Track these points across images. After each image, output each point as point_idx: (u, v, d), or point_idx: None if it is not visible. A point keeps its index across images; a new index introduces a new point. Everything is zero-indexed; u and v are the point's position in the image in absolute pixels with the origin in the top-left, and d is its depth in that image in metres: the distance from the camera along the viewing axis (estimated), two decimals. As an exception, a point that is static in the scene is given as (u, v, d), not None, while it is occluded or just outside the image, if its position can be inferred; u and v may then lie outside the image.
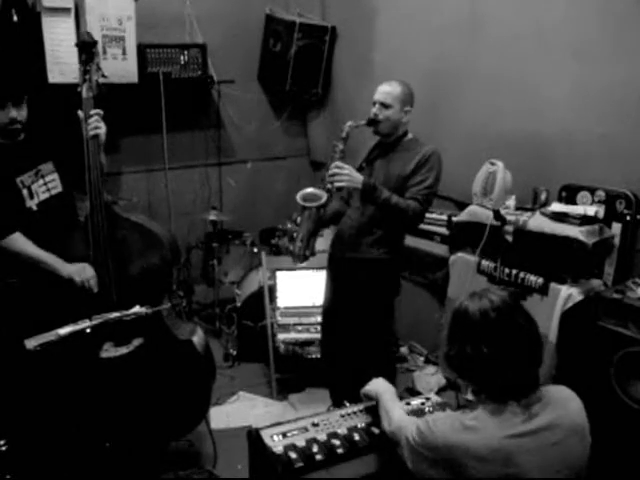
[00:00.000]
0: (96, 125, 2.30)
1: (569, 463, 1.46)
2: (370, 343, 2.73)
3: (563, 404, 1.51)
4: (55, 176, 2.47)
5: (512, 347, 1.43)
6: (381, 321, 2.78)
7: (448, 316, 1.58)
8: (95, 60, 2.33)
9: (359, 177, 2.52)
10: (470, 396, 1.59)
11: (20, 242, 2.30)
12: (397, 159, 2.64)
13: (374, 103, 2.64)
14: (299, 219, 2.65)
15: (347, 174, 2.50)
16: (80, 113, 2.30)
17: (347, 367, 2.80)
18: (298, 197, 2.60)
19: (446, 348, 1.55)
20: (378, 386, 1.96)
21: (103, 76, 2.37)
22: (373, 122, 2.63)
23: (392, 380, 2.82)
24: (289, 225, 2.53)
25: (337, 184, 2.52)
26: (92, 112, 2.29)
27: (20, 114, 2.31)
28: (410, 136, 2.71)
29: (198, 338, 2.56)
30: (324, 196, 2.57)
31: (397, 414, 1.78)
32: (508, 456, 1.39)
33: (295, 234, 2.65)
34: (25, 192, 2.37)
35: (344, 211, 2.83)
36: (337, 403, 2.71)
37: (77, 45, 2.34)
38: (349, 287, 2.75)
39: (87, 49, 2.32)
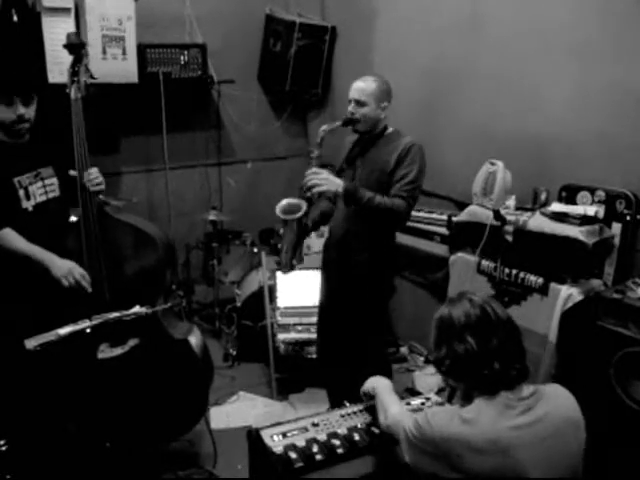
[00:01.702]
0: (98, 182, 2.33)
1: (565, 456, 1.48)
2: (365, 344, 2.72)
3: (555, 399, 1.54)
4: (54, 180, 2.47)
5: (497, 336, 1.49)
6: (375, 322, 2.76)
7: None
8: (83, 61, 2.33)
9: (338, 181, 2.46)
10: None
11: (10, 237, 2.28)
12: (378, 155, 2.57)
13: (350, 101, 2.57)
14: (281, 231, 2.59)
15: (325, 178, 2.44)
16: (73, 173, 2.33)
17: (343, 368, 2.79)
18: (277, 210, 2.53)
19: (435, 353, 1.60)
20: (375, 382, 1.98)
21: (92, 77, 2.37)
22: (350, 122, 2.55)
23: (388, 375, 2.82)
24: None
25: (316, 190, 2.45)
26: (94, 175, 2.33)
27: (28, 113, 2.31)
28: (390, 130, 2.63)
29: (195, 338, 2.56)
30: (303, 205, 2.50)
31: (394, 408, 1.79)
32: (506, 448, 1.42)
33: (280, 246, 2.60)
34: (22, 193, 2.36)
35: (331, 211, 2.80)
36: (334, 404, 2.71)
37: (65, 47, 2.33)
38: (342, 289, 2.73)
39: (75, 50, 2.32)
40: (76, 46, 2.32)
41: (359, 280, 2.67)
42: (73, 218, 2.48)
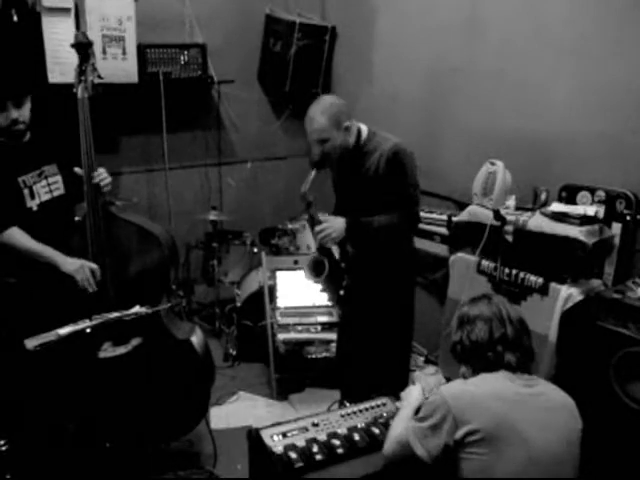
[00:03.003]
0: (106, 182, 2.35)
1: (559, 439, 1.58)
2: (389, 343, 2.69)
3: (554, 389, 1.70)
4: (58, 178, 2.48)
5: (505, 330, 1.69)
6: (401, 321, 2.74)
7: (448, 316, 1.72)
8: (91, 61, 2.33)
9: (340, 224, 2.44)
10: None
11: (18, 236, 2.30)
12: (366, 165, 2.50)
13: (311, 142, 2.50)
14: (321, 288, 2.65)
15: (332, 231, 2.43)
16: (78, 170, 2.32)
17: (361, 369, 2.74)
18: (309, 278, 2.59)
19: (453, 338, 1.79)
20: (406, 395, 2.00)
21: (99, 77, 2.37)
22: (321, 161, 2.47)
23: (404, 381, 2.80)
24: (289, 226, 2.53)
25: (330, 245, 2.50)
26: (101, 175, 2.34)
27: (22, 115, 2.31)
28: (365, 134, 2.53)
29: (197, 338, 2.56)
30: (324, 261, 2.53)
31: (396, 429, 1.77)
32: (509, 401, 1.57)
33: (326, 292, 2.68)
34: (26, 192, 2.38)
35: None
36: (347, 400, 2.67)
37: (73, 46, 2.33)
38: (366, 293, 2.70)
39: (82, 50, 2.32)
40: (84, 45, 2.32)
41: (384, 284, 2.64)
42: (76, 218, 2.49)
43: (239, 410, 3.22)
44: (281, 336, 3.41)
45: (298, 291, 3.58)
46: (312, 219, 2.54)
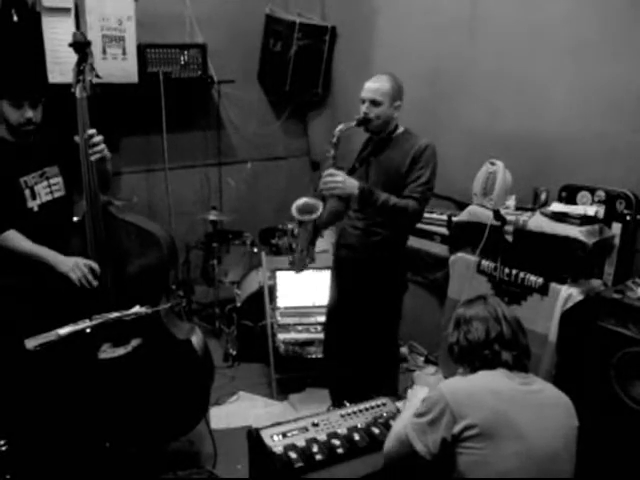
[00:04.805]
0: (101, 149, 2.30)
1: (558, 433, 1.60)
2: (376, 343, 2.72)
3: (551, 387, 1.72)
4: (59, 179, 2.48)
5: (501, 329, 1.70)
6: (388, 321, 2.77)
7: (448, 316, 1.73)
8: (89, 60, 2.33)
9: (354, 183, 2.44)
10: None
11: (14, 238, 2.30)
12: (392, 156, 2.58)
13: (363, 101, 2.57)
14: (296, 231, 2.60)
15: (341, 181, 2.42)
16: (77, 138, 2.30)
17: (350, 367, 2.79)
18: (293, 211, 2.55)
19: (450, 340, 1.79)
20: (412, 394, 2.00)
21: (97, 76, 2.36)
22: (364, 121, 2.55)
23: (394, 380, 2.82)
24: (289, 226, 2.53)
25: (332, 192, 2.46)
26: (93, 135, 2.28)
27: (36, 115, 2.34)
28: (401, 129, 2.65)
29: (196, 338, 2.56)
30: (319, 206, 2.52)
31: (396, 428, 1.78)
32: (506, 399, 1.58)
33: (294, 246, 2.62)
34: (27, 192, 2.38)
35: (342, 210, 2.81)
36: (337, 403, 2.71)
37: (71, 45, 2.33)
38: (355, 288, 2.73)
39: (80, 49, 2.32)
40: (82, 45, 2.32)
41: (375, 279, 2.66)
42: (75, 218, 2.49)
43: (239, 410, 3.22)
44: (281, 336, 3.41)
45: (298, 291, 3.58)
46: (334, 159, 2.56)
